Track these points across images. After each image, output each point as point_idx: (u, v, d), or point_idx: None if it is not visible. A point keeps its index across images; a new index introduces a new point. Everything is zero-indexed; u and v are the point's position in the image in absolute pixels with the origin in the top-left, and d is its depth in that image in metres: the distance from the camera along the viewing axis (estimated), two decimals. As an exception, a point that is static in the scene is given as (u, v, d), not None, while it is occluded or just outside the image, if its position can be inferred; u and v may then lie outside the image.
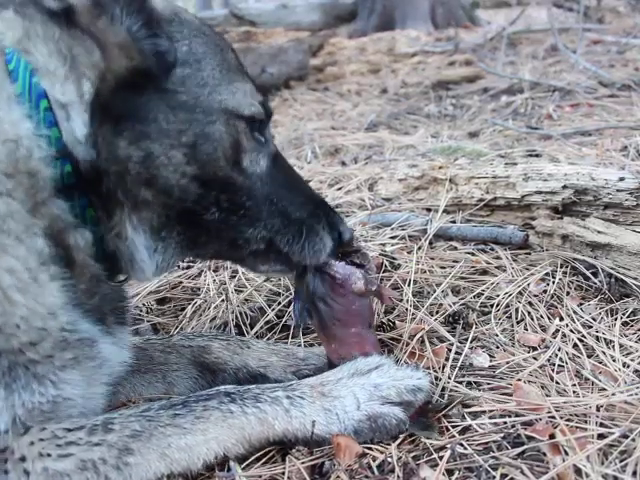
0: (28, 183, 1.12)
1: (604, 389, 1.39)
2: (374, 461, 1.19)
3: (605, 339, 1.62)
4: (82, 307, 1.21)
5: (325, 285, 1.42)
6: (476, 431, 1.27)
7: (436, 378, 1.47)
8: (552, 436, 1.22)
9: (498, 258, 2.10)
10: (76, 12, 1.14)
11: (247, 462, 1.20)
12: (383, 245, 2.24)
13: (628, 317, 1.71)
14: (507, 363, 1.53)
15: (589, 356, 1.55)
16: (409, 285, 1.90)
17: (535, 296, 1.85)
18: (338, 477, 1.16)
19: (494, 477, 1.13)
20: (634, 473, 1.11)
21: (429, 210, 2.52)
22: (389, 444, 1.23)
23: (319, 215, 1.42)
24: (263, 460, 1.22)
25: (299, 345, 1.69)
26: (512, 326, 1.73)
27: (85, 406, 1.21)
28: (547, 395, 1.38)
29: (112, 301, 1.35)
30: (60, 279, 1.16)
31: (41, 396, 1.10)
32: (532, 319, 1.75)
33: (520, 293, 1.86)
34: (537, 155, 2.94)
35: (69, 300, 1.18)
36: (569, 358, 1.54)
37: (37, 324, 1.11)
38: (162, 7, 1.27)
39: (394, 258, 2.13)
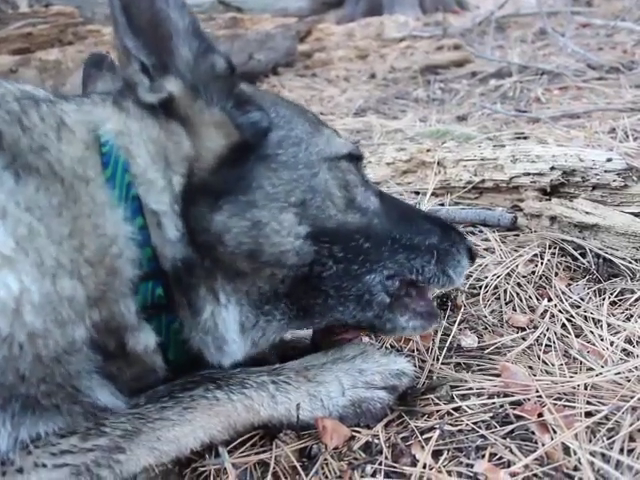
0: (104, 279, 1.09)
1: (592, 368, 1.39)
2: (362, 443, 1.19)
3: (593, 319, 1.62)
4: (112, 386, 1.17)
5: None
6: (465, 411, 1.27)
7: (424, 360, 1.47)
8: (540, 415, 1.22)
9: (487, 240, 2.10)
10: (175, 99, 1.16)
11: (234, 445, 1.20)
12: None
13: (616, 297, 1.72)
14: (495, 344, 1.53)
15: (577, 336, 1.55)
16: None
17: (524, 277, 1.85)
18: (326, 460, 1.15)
19: (483, 456, 1.13)
20: (621, 450, 1.12)
21: (418, 193, 2.51)
22: (377, 426, 1.22)
23: (450, 237, 1.38)
24: (250, 443, 1.21)
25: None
26: (501, 307, 1.73)
27: None
28: (535, 375, 1.38)
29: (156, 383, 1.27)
30: (94, 367, 1.12)
31: (47, 427, 1.10)
32: (521, 300, 1.75)
33: (509, 274, 1.86)
34: (525, 138, 2.93)
35: (97, 382, 1.14)
36: (557, 338, 1.54)
37: (58, 381, 1.09)
38: (245, 86, 1.30)
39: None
